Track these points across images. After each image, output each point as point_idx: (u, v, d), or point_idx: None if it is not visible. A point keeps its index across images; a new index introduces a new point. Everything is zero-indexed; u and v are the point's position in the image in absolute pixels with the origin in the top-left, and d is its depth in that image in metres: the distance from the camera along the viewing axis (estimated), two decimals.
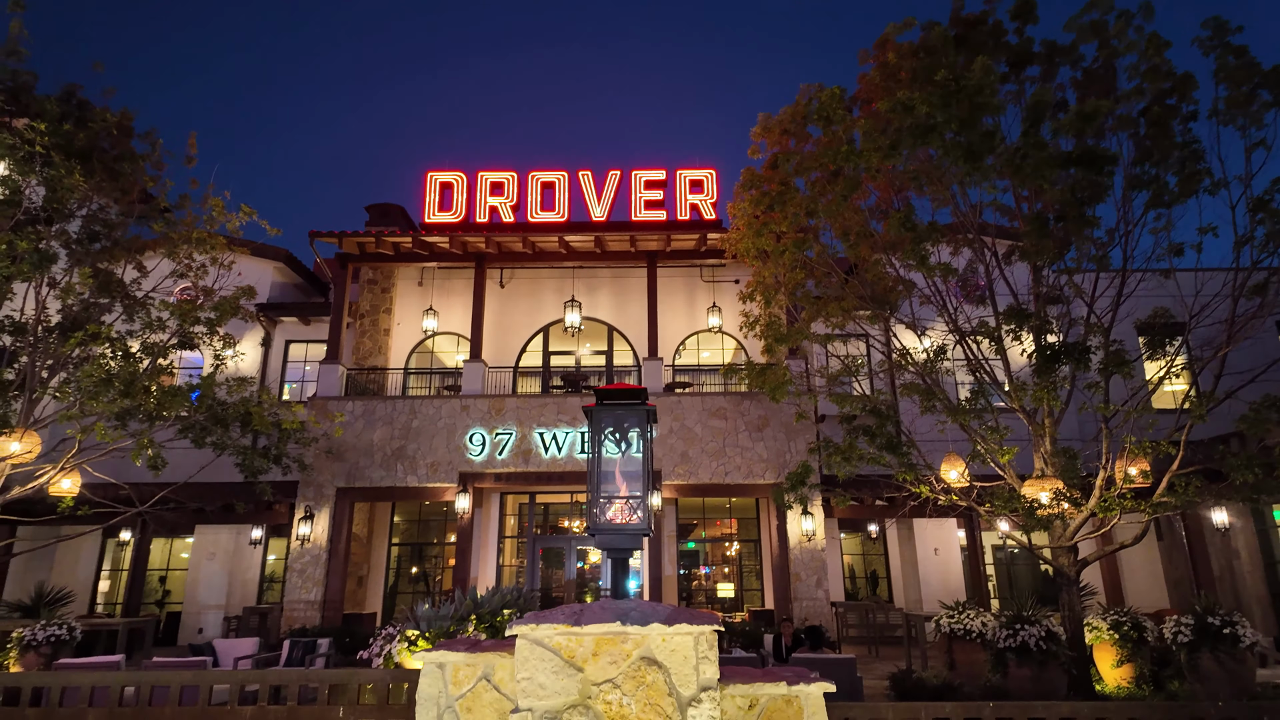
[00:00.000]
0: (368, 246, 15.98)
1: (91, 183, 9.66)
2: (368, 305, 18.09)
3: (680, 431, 14.95)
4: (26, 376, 9.45)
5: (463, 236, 15.64)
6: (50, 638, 9.94)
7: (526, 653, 2.69)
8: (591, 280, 18.05)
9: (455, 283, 18.12)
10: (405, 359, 17.84)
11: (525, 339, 17.89)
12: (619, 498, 3.18)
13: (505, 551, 17.34)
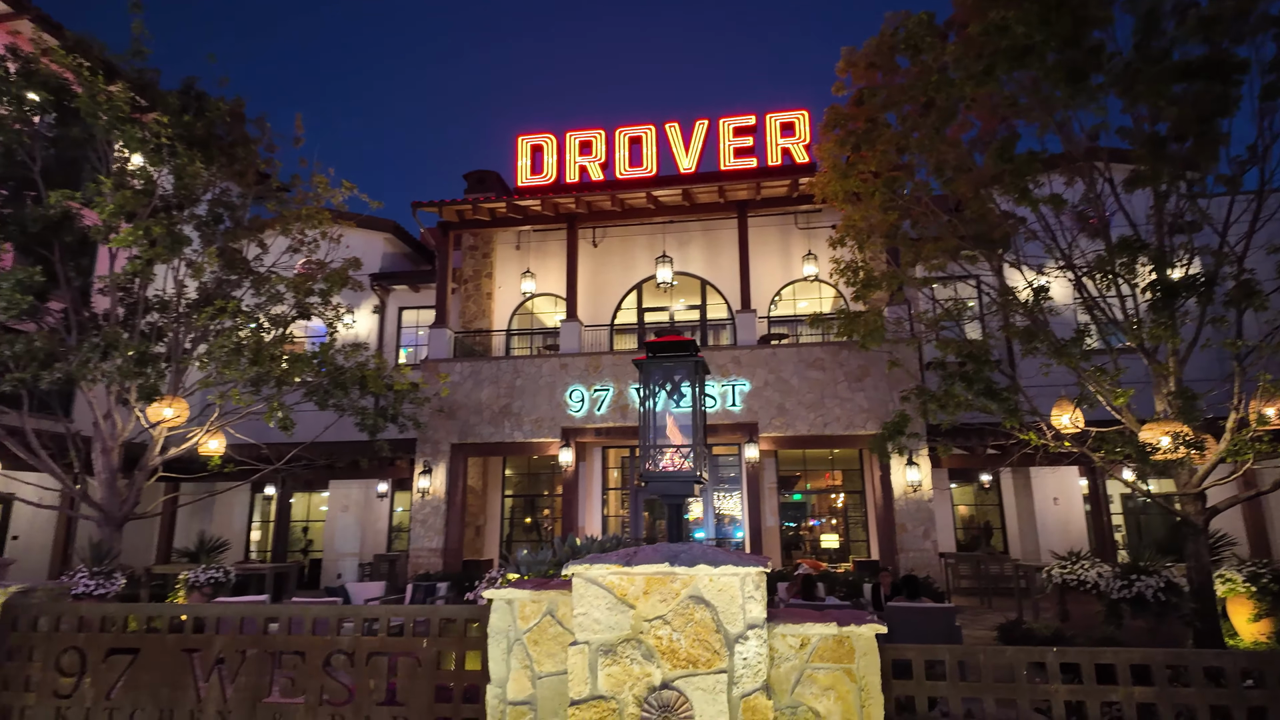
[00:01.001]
0: (466, 214, 16.52)
1: (212, 169, 10.52)
2: (470, 270, 18.76)
3: (776, 384, 14.80)
4: (172, 349, 10.54)
5: (554, 198, 15.88)
6: (210, 580, 11.25)
7: (582, 590, 2.85)
8: (683, 234, 17.95)
9: (550, 244, 18.47)
10: (508, 320, 18.48)
11: (619, 297, 18.08)
12: (670, 447, 3.26)
13: (610, 502, 17.86)
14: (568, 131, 17.16)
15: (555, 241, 18.13)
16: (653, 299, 18.32)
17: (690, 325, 18.18)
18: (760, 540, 14.87)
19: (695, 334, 17.99)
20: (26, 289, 8.49)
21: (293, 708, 3.34)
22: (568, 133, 17.13)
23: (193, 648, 3.46)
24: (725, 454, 17.73)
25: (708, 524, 17.06)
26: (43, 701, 3.58)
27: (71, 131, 10.08)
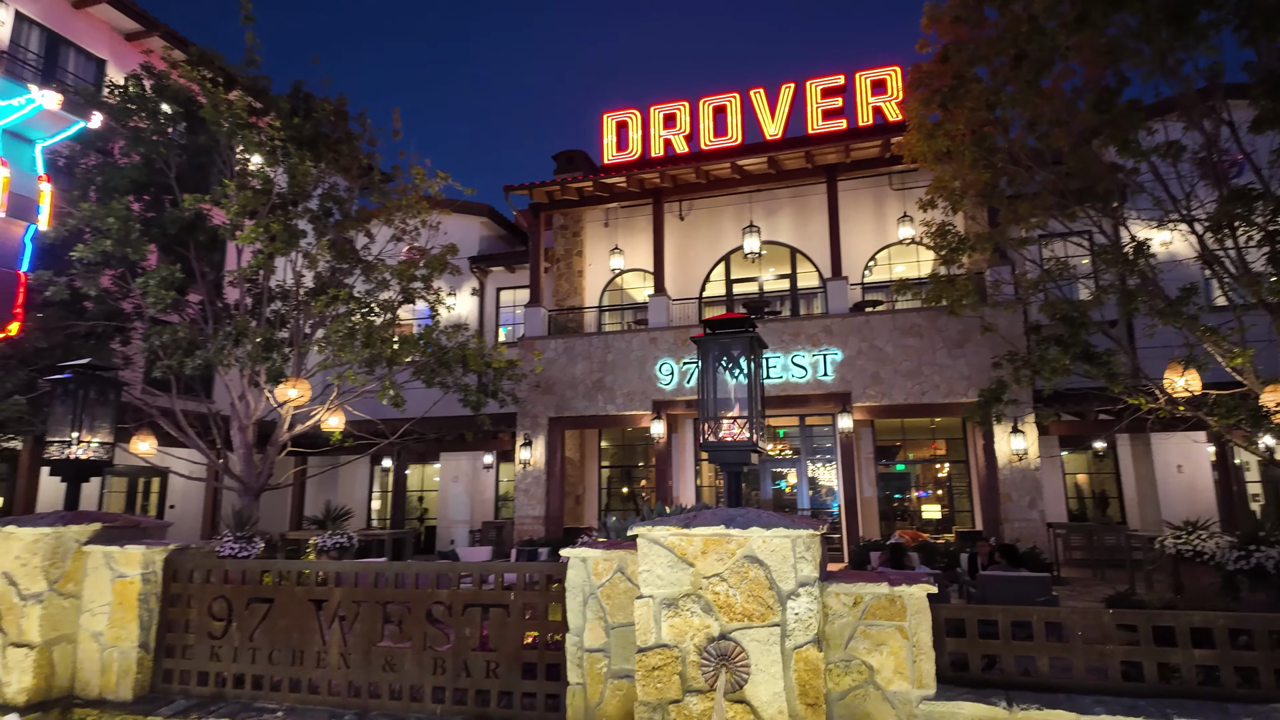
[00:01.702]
0: (554, 194, 16.95)
1: (320, 166, 11.33)
2: (561, 250, 19.26)
3: (870, 352, 14.52)
4: (294, 334, 11.52)
5: (639, 174, 16.04)
6: (335, 544, 12.34)
7: (645, 549, 3.09)
8: (770, 203, 17.73)
9: (638, 220, 18.67)
10: (599, 297, 18.90)
11: (707, 269, 18.11)
12: (728, 418, 3.43)
13: (703, 473, 18.11)
14: (651, 106, 17.23)
15: (642, 217, 18.33)
16: (741, 270, 18.24)
17: (779, 295, 18.03)
18: (856, 511, 14.73)
19: (785, 304, 17.84)
20: (168, 285, 9.51)
21: (401, 651, 3.79)
22: (651, 107, 17.21)
23: (317, 599, 3.98)
24: (819, 424, 17.57)
25: (802, 494, 17.04)
26: (200, 642, 4.21)
27: (199, 139, 11.10)
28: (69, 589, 4.32)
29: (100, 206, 9.46)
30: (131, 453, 11.27)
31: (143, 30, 17.95)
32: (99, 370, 4.99)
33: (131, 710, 4.03)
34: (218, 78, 11.34)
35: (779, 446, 17.83)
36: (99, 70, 17.56)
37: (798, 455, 17.43)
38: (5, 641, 4.20)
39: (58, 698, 4.22)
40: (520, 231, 21.81)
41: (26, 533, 4.30)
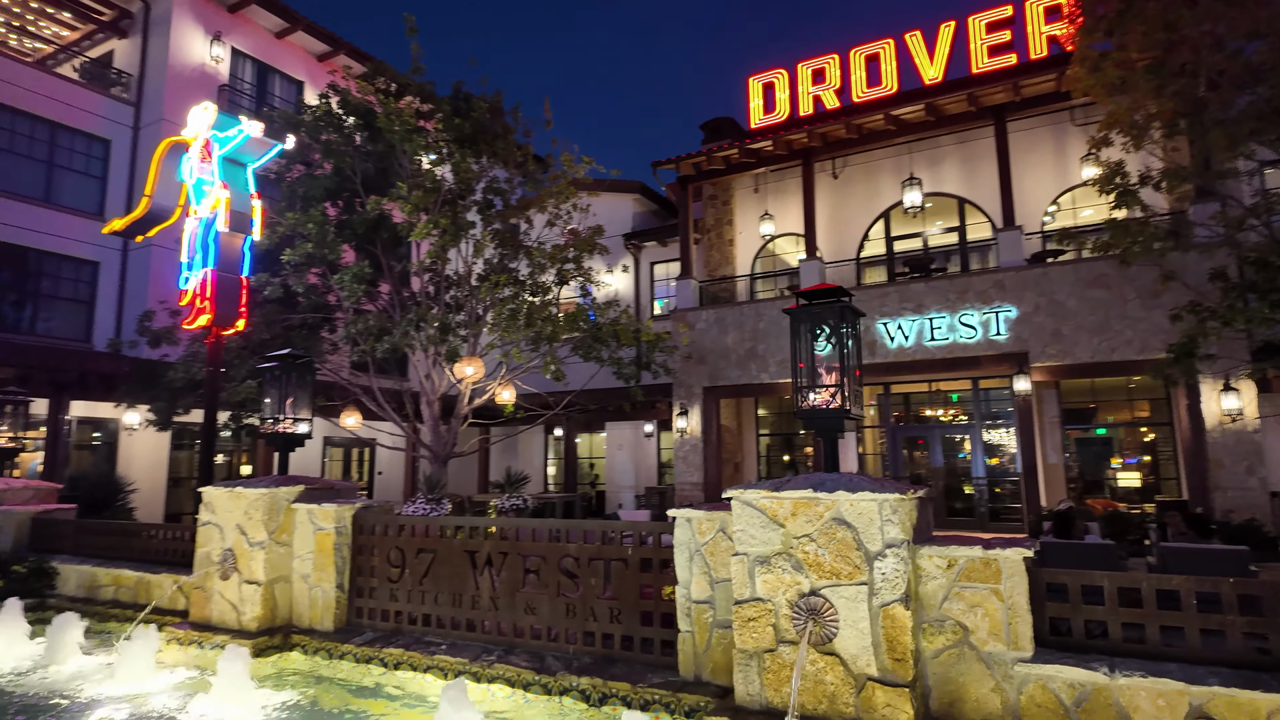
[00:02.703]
0: (701, 165, 17.03)
1: (481, 161, 12.28)
2: (711, 220, 19.34)
3: (1049, 307, 13.37)
4: (469, 318, 12.67)
5: (785, 136, 15.72)
6: (512, 506, 13.52)
7: (739, 510, 3.30)
8: (933, 152, 16.66)
9: (788, 183, 18.29)
10: (750, 265, 18.81)
11: (864, 228, 17.42)
12: (821, 386, 3.50)
13: (865, 441, 17.63)
14: (799, 64, 16.73)
15: (793, 180, 17.92)
16: (902, 226, 17.34)
17: (946, 250, 16.98)
18: (1036, 478, 13.71)
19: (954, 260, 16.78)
20: (360, 280, 10.86)
21: (539, 596, 4.28)
22: (799, 64, 16.71)
23: (470, 550, 4.57)
24: (995, 387, 16.45)
25: (976, 461, 16.11)
26: (381, 585, 4.99)
27: (378, 146, 12.44)
28: (283, 539, 5.29)
29: (302, 214, 10.97)
30: (341, 426, 13.04)
31: (330, 50, 20.20)
32: (298, 359, 5.97)
33: (333, 639, 4.89)
34: (390, 87, 12.60)
35: (951, 412, 16.92)
36: (298, 90, 20.01)
37: (971, 421, 16.44)
38: (240, 579, 5.25)
39: (279, 626, 5.20)
40: (672, 205, 22.14)
41: (250, 493, 5.31)
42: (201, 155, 8.04)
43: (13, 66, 15.82)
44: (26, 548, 8.25)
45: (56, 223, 15.88)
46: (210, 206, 7.90)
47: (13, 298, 15.40)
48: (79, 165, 16.55)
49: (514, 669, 4.03)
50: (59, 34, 18.98)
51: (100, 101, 17.01)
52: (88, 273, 16.50)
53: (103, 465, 14.77)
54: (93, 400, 13.66)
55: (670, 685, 3.57)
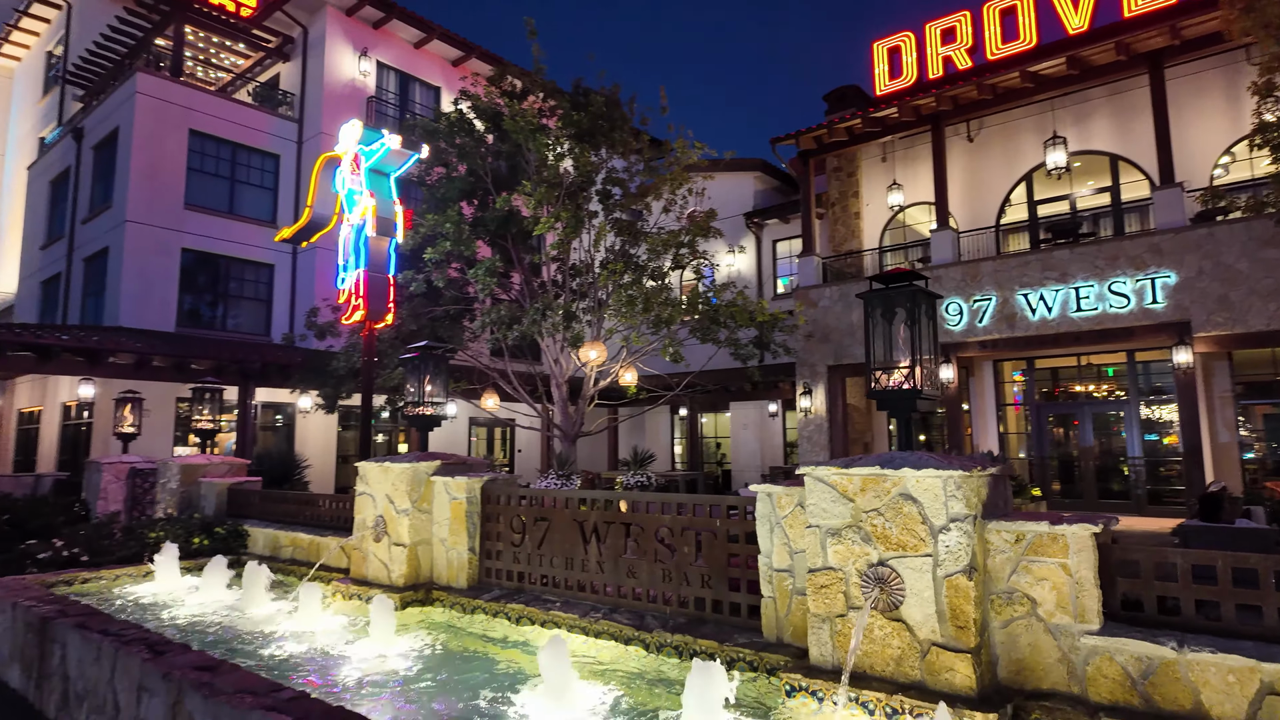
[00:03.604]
0: (822, 138, 16.70)
1: (599, 153, 12.79)
2: (836, 193, 18.89)
3: (1214, 271, 12.17)
4: (593, 304, 13.28)
5: (912, 101, 15.11)
6: (637, 483, 14.09)
7: (811, 486, 3.50)
8: (1080, 107, 15.42)
9: (919, 150, 17.55)
10: (879, 238, 18.26)
11: (1003, 193, 16.43)
12: (895, 367, 3.60)
13: (1007, 419, 16.76)
14: (927, 24, 16.00)
15: (924, 146, 17.15)
16: (1046, 188, 16.21)
17: (1096, 212, 15.72)
18: (1201, 458, 12.56)
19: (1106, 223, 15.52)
20: (491, 273, 11.72)
21: (638, 562, 4.67)
22: (927, 25, 15.98)
23: (580, 519, 5.04)
24: (1154, 359, 15.12)
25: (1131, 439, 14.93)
26: (506, 548, 5.59)
27: (505, 145, 13.26)
28: (424, 507, 6.02)
29: (440, 215, 11.96)
30: (481, 408, 14.12)
31: (463, 55, 21.49)
32: (434, 350, 6.72)
33: (466, 595, 5.56)
34: (515, 89, 13.37)
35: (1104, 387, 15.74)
36: (436, 96, 21.48)
37: (1126, 396, 15.22)
38: (390, 542, 6.04)
39: (422, 583, 5.96)
40: (795, 181, 21.81)
41: (396, 467, 6.08)
42: (351, 168, 9.04)
43: (202, 96, 18.13)
44: (225, 513, 9.75)
45: (239, 232, 18.14)
46: (360, 214, 8.89)
47: (208, 299, 17.80)
48: (254, 179, 18.74)
49: (617, 625, 4.45)
50: (236, 63, 21.45)
51: (270, 120, 19.12)
52: (265, 275, 18.72)
53: (283, 444, 16.84)
54: (272, 387, 15.60)
55: (754, 645, 3.85)
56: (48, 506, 10.93)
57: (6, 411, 19.71)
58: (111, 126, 17.45)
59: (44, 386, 17.61)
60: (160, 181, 16.80)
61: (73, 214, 18.66)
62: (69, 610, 5.13)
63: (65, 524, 10.03)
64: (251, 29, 19.72)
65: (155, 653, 3.93)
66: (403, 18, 19.91)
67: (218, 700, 3.17)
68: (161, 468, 10.84)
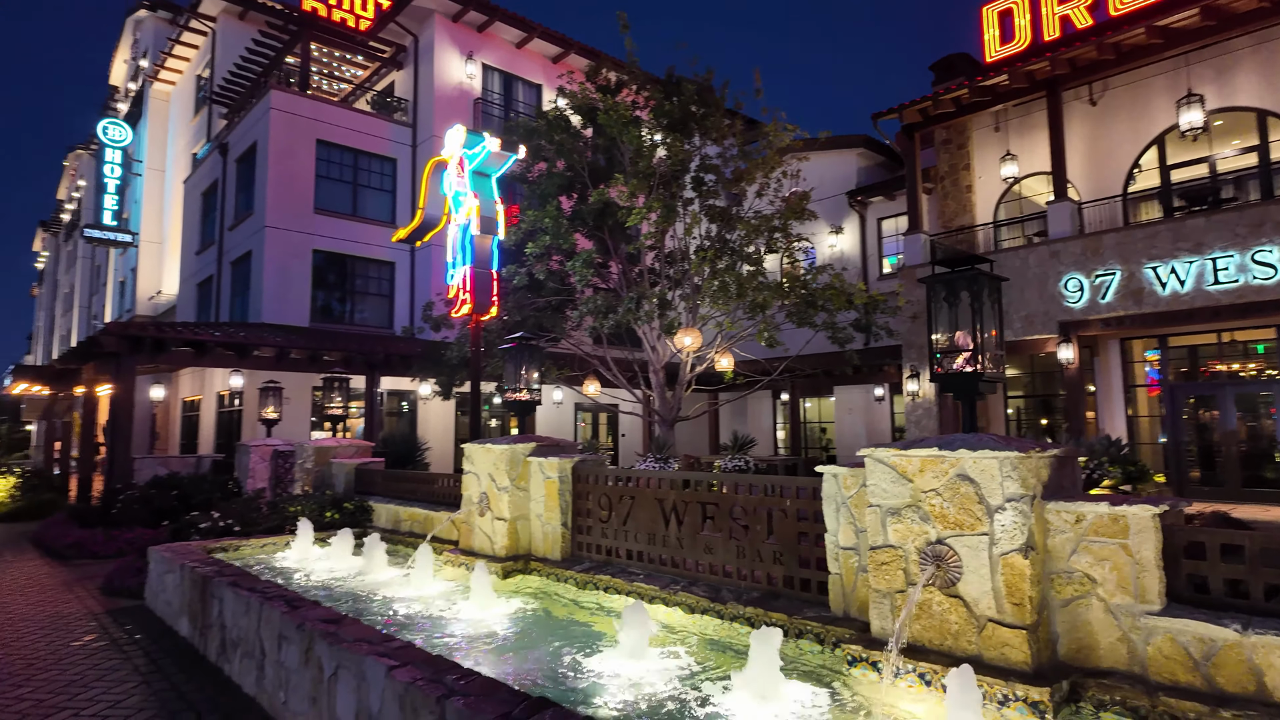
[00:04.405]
0: (928, 110, 16.09)
1: (691, 141, 12.92)
2: (945, 166, 18.15)
3: None
4: (689, 290, 13.48)
5: (1025, 67, 14.32)
6: (734, 467, 14.22)
7: (872, 467, 3.60)
8: (1220, 60, 14.12)
9: (1035, 116, 16.60)
10: (992, 212, 17.43)
11: (1131, 159, 15.29)
12: (957, 350, 3.61)
13: (1136, 402, 15.68)
14: None
15: (1041, 112, 16.20)
16: (1181, 151, 14.95)
17: (1240, 174, 14.37)
18: None
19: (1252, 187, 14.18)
20: (588, 264, 12.15)
21: (715, 539, 4.89)
22: None
23: (660, 498, 5.31)
24: None
25: None
26: (595, 524, 5.96)
27: (601, 139, 13.64)
28: (521, 485, 6.49)
29: (539, 211, 12.51)
30: (583, 394, 14.69)
31: (562, 51, 22.09)
32: (528, 340, 7.19)
33: (559, 566, 5.98)
34: (610, 83, 13.70)
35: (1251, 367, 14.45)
36: (537, 93, 22.22)
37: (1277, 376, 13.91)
38: (492, 516, 6.55)
39: (521, 554, 6.43)
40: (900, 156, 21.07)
41: (496, 448, 6.58)
42: (457, 171, 9.67)
43: (327, 108, 19.63)
44: (353, 491, 10.74)
45: (362, 232, 19.56)
46: (465, 214, 9.50)
47: (337, 295, 19.34)
48: (374, 183, 20.13)
49: (694, 597, 4.70)
50: (355, 74, 23.02)
51: (386, 127, 20.44)
52: (387, 272, 20.11)
53: (406, 428, 18.11)
54: (395, 376, 16.82)
55: (822, 619, 3.99)
56: (207, 483, 12.41)
57: (172, 401, 22.25)
58: (251, 141, 19.23)
59: (202, 378, 19.76)
60: (293, 189, 18.39)
61: (221, 222, 20.74)
62: (225, 571, 5.94)
63: (221, 499, 11.37)
64: (368, 41, 21.13)
65: (292, 607, 4.54)
66: (505, 19, 20.71)
67: (340, 647, 3.67)
68: (299, 450, 12.04)
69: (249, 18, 23.33)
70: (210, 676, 5.28)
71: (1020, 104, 15.85)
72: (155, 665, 5.59)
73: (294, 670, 4.15)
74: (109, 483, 13.44)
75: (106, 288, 31.49)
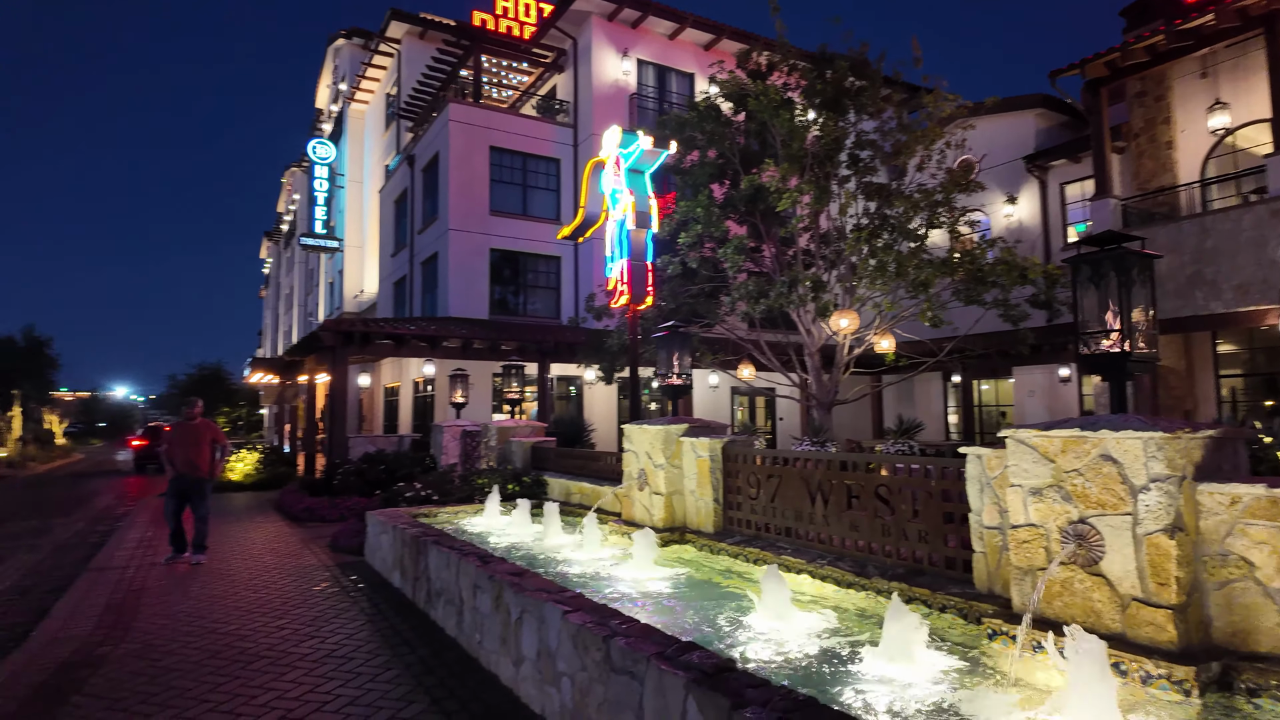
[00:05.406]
0: (1116, 62, 14.65)
1: (845, 118, 12.71)
2: (1140, 122, 16.45)
3: None
4: (846, 270, 13.31)
5: (1234, 4, 12.68)
6: (896, 451, 13.88)
7: (1013, 448, 3.65)
8: None
9: (1252, 56, 14.65)
10: (1198, 169, 15.60)
11: None
12: (1104, 331, 3.53)
13: None
14: None
15: (1259, 51, 14.23)
16: None
17: None
18: None
19: None
20: (740, 250, 12.40)
21: (860, 517, 5.06)
22: None
23: (806, 477, 5.55)
24: None
25: None
26: (745, 500, 6.30)
27: (751, 124, 13.76)
28: (675, 462, 6.95)
29: (691, 201, 12.90)
30: (737, 378, 14.96)
31: (714, 38, 22.26)
32: (679, 328, 7.66)
33: (712, 538, 6.39)
34: (760, 66, 13.76)
35: None
36: (690, 83, 22.56)
37: None
38: (650, 491, 7.09)
39: (676, 527, 6.92)
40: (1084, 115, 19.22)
41: (652, 428, 7.10)
42: (613, 170, 10.28)
43: (497, 115, 21.20)
44: (529, 466, 11.81)
45: (531, 230, 20.99)
46: (621, 210, 10.10)
47: (511, 289, 20.93)
48: (540, 183, 21.49)
49: (839, 571, 4.92)
50: (520, 81, 24.56)
51: (550, 129, 21.70)
52: (554, 266, 21.45)
53: (574, 410, 19.34)
54: (563, 362, 18.00)
55: (966, 595, 4.08)
56: (408, 459, 14.11)
57: (376, 387, 25.15)
58: (434, 151, 21.22)
59: (400, 367, 22.20)
60: (471, 193, 20.12)
61: (411, 226, 23.08)
62: (428, 533, 6.93)
63: (420, 472, 12.93)
64: (531, 49, 22.50)
65: (484, 562, 5.31)
66: (658, 13, 21.22)
67: (524, 594, 4.32)
68: (483, 430, 13.38)
69: (428, 36, 25.61)
70: (419, 620, 6.24)
71: (1233, 44, 14.01)
72: (376, 609, 6.68)
73: (486, 615, 4.87)
74: (330, 458, 15.65)
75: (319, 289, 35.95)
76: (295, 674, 4.95)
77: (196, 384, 57.63)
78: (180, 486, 8.93)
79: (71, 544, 11.28)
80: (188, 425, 9.11)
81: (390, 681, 4.76)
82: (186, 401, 9.63)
